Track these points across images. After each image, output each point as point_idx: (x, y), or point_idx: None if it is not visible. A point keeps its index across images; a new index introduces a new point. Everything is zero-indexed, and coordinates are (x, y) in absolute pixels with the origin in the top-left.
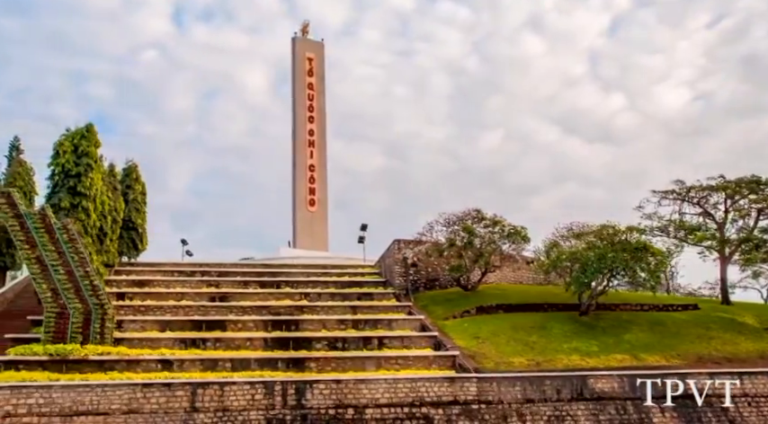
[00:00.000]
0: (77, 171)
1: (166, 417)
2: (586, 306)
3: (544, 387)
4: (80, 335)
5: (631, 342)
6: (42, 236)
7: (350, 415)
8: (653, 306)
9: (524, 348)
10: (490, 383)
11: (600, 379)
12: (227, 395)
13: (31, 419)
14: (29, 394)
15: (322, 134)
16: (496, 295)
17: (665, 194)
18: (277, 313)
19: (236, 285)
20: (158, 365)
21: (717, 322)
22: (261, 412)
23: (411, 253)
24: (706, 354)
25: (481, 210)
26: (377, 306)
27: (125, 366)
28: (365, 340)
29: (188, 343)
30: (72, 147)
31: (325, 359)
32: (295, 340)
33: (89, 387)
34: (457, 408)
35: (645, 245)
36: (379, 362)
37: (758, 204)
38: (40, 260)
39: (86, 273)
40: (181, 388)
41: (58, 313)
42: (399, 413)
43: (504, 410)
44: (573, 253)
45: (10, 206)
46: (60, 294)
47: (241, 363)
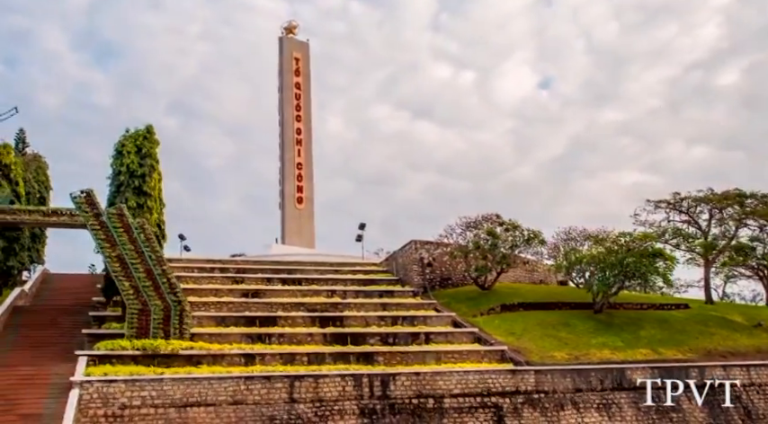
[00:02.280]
0: (142, 171)
1: (269, 407)
2: (600, 305)
3: (590, 378)
4: (161, 330)
5: (648, 338)
6: (121, 235)
7: (431, 404)
8: (651, 305)
9: (559, 344)
10: (545, 374)
11: (635, 371)
12: (321, 387)
13: (147, 410)
14: (142, 387)
15: (308, 133)
16: (512, 294)
17: (659, 203)
18: (314, 310)
19: (260, 281)
20: (241, 359)
21: (712, 320)
22: (354, 403)
23: (426, 253)
24: (712, 348)
25: (500, 215)
26: (404, 304)
27: (211, 360)
28: (413, 336)
29: (254, 338)
30: (135, 148)
31: (391, 354)
32: (351, 336)
33: (197, 380)
34: (520, 397)
35: (660, 252)
36: (438, 356)
37: (739, 215)
38: (120, 259)
39: (163, 271)
40: (280, 381)
41: (139, 309)
42: (473, 402)
43: (559, 398)
44: (594, 257)
45: (90, 205)
46: (141, 291)
47: (317, 357)
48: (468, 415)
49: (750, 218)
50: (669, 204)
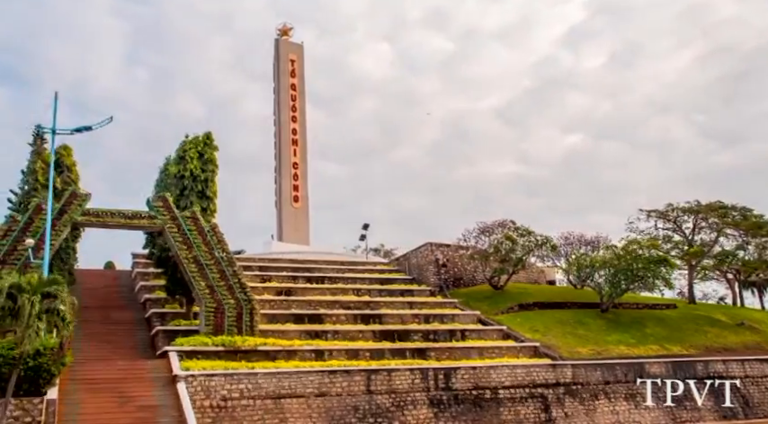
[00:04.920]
0: (205, 176)
1: (351, 398)
2: (607, 305)
3: (615, 371)
4: (235, 327)
5: (654, 336)
6: (196, 238)
7: (488, 395)
8: (645, 305)
9: (580, 340)
10: (579, 368)
11: (652, 365)
12: (393, 380)
13: (246, 402)
14: (239, 380)
15: (303, 133)
16: (523, 294)
17: (650, 212)
18: (348, 307)
19: (285, 279)
20: (312, 354)
21: (701, 319)
22: (423, 394)
23: (441, 255)
24: (708, 345)
25: (515, 221)
26: (428, 302)
27: (285, 355)
28: (450, 333)
29: (312, 334)
30: (197, 154)
31: (441, 350)
32: (397, 333)
33: (287, 374)
34: (561, 388)
35: (665, 258)
36: (480, 352)
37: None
38: (196, 260)
39: (234, 272)
40: (358, 374)
41: (215, 308)
42: (522, 393)
43: (593, 389)
44: (606, 262)
45: (167, 208)
46: (216, 290)
47: (378, 352)
48: (520, 404)
49: (729, 228)
50: (661, 214)
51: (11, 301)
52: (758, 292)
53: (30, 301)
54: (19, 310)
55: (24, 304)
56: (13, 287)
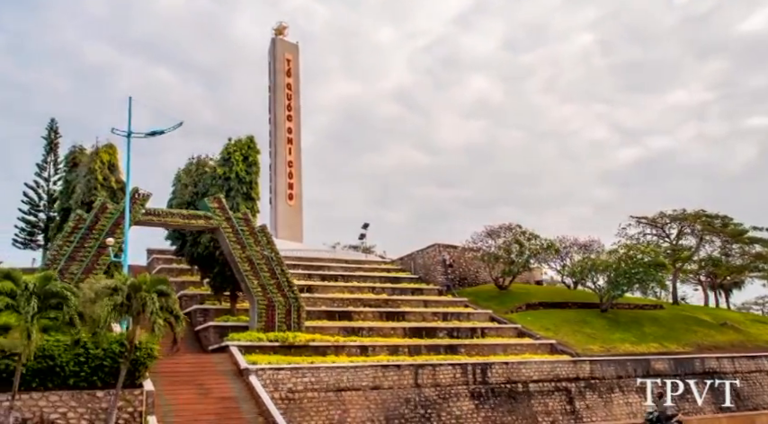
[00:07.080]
0: (249, 179)
1: (401, 391)
2: (606, 306)
3: (626, 367)
4: (284, 324)
5: (653, 334)
6: (248, 238)
7: (520, 388)
8: (636, 305)
9: (589, 338)
10: (596, 364)
11: (657, 362)
12: (437, 374)
13: (312, 394)
14: (303, 374)
15: (298, 132)
16: (525, 294)
17: (640, 219)
18: (369, 305)
19: (302, 277)
20: (358, 350)
21: (689, 319)
22: (464, 387)
23: (448, 256)
24: (700, 343)
25: (521, 225)
26: (441, 301)
27: (334, 351)
28: (471, 330)
29: (349, 331)
30: (242, 157)
31: (469, 346)
32: (425, 330)
33: (345, 368)
34: (582, 382)
35: (663, 262)
36: (504, 348)
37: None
38: (249, 259)
39: (283, 270)
40: (407, 369)
41: (266, 305)
42: (549, 387)
43: (609, 383)
44: (608, 265)
45: (221, 209)
46: (267, 289)
47: (415, 349)
48: (548, 397)
49: (712, 235)
50: (650, 221)
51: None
52: (724, 294)
53: (151, 298)
54: (129, 307)
55: (147, 301)
56: (131, 287)
